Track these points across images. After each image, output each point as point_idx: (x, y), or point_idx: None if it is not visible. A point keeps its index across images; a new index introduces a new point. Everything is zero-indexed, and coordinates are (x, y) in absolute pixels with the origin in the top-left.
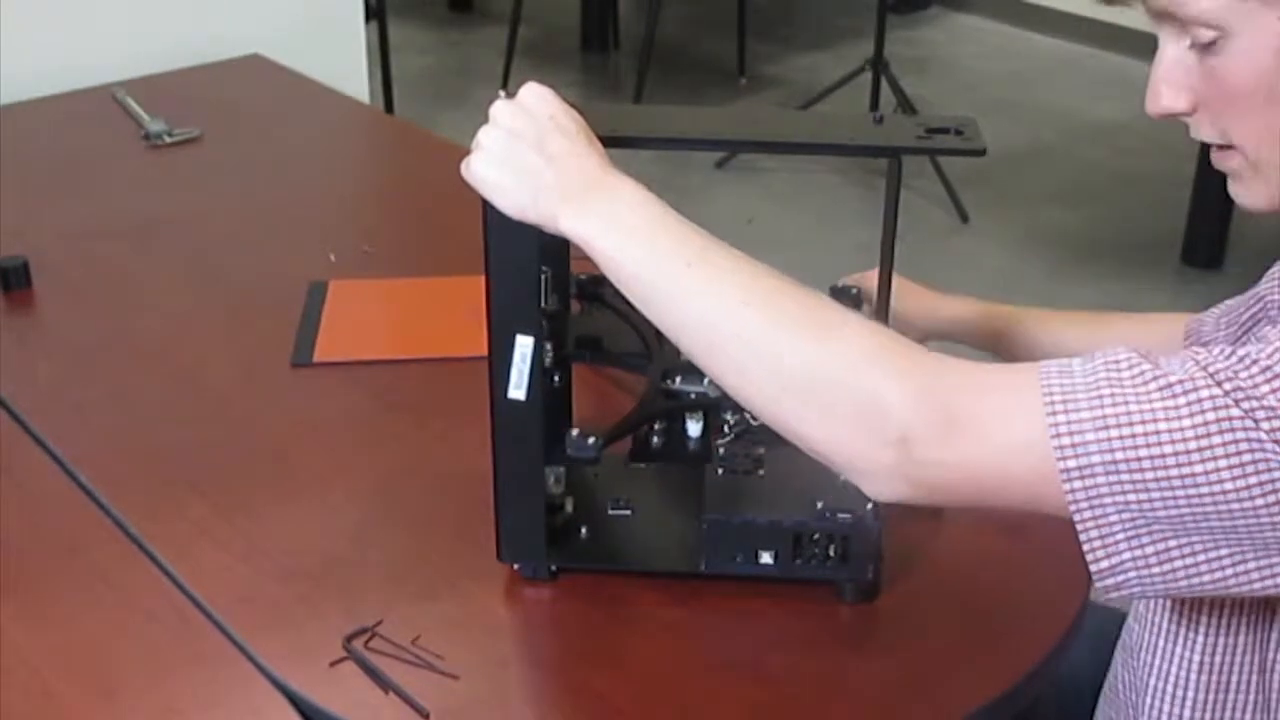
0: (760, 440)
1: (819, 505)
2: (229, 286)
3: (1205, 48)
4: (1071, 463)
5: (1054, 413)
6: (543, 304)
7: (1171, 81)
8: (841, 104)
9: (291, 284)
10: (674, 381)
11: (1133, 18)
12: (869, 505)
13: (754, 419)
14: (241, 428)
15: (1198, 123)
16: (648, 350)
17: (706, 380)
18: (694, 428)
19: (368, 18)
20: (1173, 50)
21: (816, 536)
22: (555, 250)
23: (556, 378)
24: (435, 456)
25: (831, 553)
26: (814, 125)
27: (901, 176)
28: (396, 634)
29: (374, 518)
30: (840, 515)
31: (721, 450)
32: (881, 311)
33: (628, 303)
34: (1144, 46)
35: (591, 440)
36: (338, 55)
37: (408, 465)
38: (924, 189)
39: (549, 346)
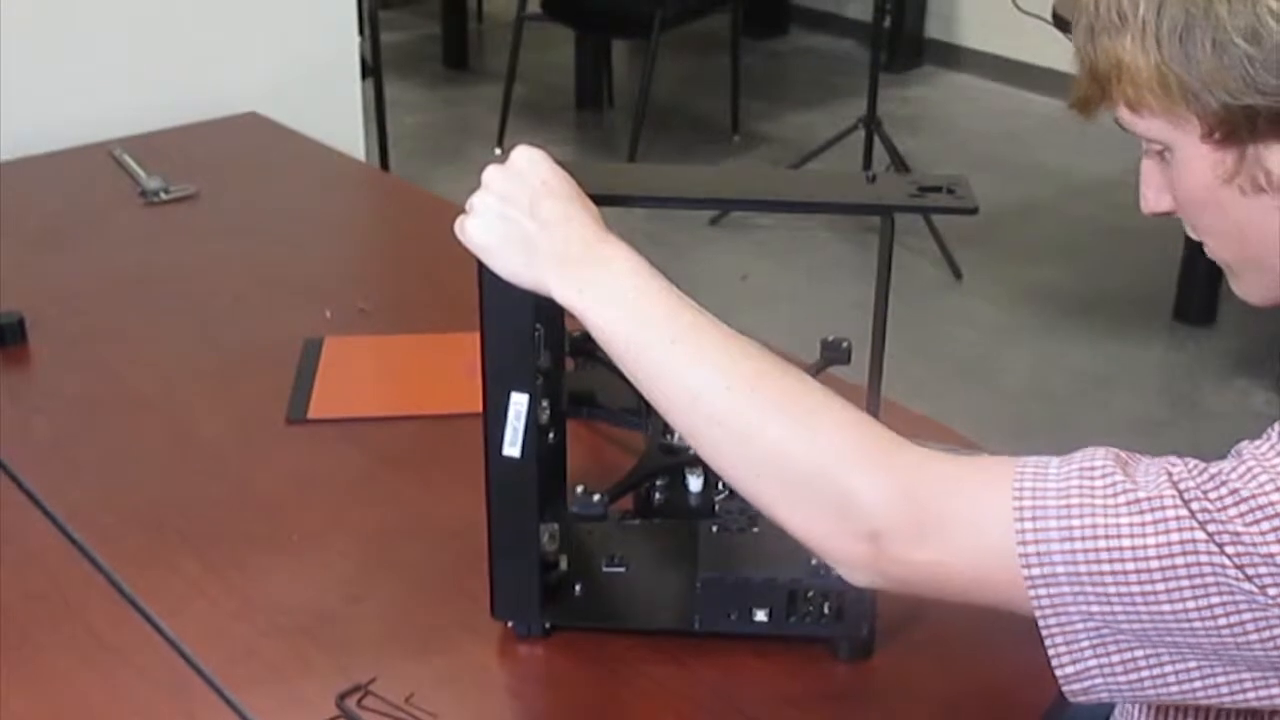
0: None
1: (813, 562)
2: (224, 343)
3: (1162, 156)
4: (1036, 570)
5: (1021, 519)
6: (537, 361)
7: (1151, 185)
8: (834, 161)
9: (287, 340)
10: (673, 437)
11: None
12: None
13: None
14: (236, 484)
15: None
16: (642, 406)
17: None
18: (695, 483)
19: (363, 75)
20: (1147, 156)
21: (811, 594)
22: (549, 307)
23: (551, 434)
24: (429, 513)
25: (826, 610)
26: (808, 184)
27: (894, 234)
28: (390, 691)
29: (368, 574)
30: (835, 573)
31: (716, 507)
32: (874, 369)
33: None
34: None
35: (597, 497)
36: (334, 113)
37: (402, 522)
38: (917, 246)
39: (544, 403)
